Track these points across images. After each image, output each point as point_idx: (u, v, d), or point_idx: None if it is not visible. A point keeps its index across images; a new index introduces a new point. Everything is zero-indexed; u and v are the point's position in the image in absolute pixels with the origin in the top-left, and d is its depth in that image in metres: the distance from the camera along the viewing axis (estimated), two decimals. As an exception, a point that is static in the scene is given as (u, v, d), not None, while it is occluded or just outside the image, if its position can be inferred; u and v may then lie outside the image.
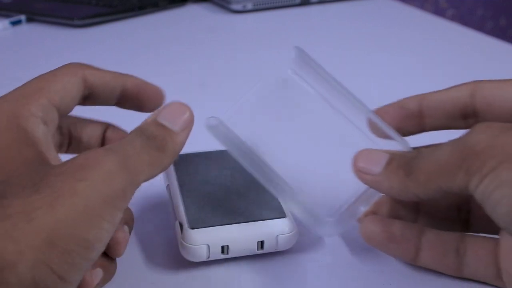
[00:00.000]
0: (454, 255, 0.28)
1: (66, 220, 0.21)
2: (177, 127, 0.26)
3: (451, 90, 0.29)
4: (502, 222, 0.23)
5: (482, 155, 0.23)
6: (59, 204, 0.21)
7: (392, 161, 0.27)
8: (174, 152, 0.25)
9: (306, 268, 0.31)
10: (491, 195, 0.22)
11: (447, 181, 0.24)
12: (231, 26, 0.84)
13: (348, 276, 0.30)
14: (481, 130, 0.24)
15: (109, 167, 0.23)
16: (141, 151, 0.24)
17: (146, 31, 0.81)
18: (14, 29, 0.82)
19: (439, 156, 0.25)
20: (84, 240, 0.21)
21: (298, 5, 0.91)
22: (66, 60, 0.31)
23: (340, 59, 0.66)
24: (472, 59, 0.65)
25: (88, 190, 0.22)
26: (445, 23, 0.82)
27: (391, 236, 0.28)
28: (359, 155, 0.27)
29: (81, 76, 0.29)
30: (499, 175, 0.22)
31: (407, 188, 0.26)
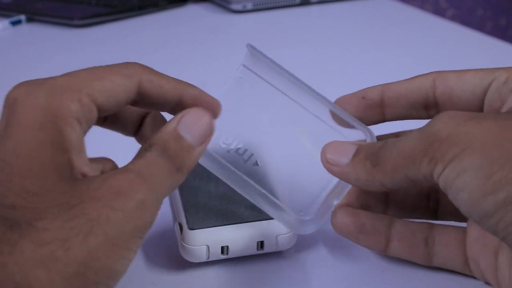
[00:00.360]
0: (423, 245, 0.29)
1: (99, 252, 0.21)
2: (196, 141, 0.25)
3: (414, 80, 0.29)
4: (464, 209, 0.23)
5: (445, 142, 0.23)
6: (94, 234, 0.21)
7: (359, 152, 0.27)
8: (189, 170, 0.25)
9: (306, 268, 0.31)
10: (454, 183, 0.22)
11: (412, 169, 0.24)
12: (231, 26, 0.84)
13: (348, 276, 0.30)
14: (445, 118, 0.24)
15: (142, 197, 0.22)
16: (165, 174, 0.24)
17: (146, 31, 0.81)
18: (14, 29, 0.82)
19: (404, 144, 0.25)
20: (113, 272, 0.21)
21: (298, 5, 0.91)
22: (66, 60, 0.31)
23: (340, 59, 0.67)
24: (472, 59, 0.65)
25: (122, 221, 0.21)
26: (445, 23, 0.82)
27: (362, 228, 0.29)
28: (327, 147, 0.27)
29: (136, 81, 0.26)
30: (461, 162, 0.22)
31: (374, 178, 0.26)
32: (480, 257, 0.28)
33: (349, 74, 0.61)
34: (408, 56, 0.67)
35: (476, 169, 0.22)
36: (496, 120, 0.23)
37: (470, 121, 0.23)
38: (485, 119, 0.23)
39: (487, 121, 0.23)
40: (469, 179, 0.22)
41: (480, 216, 0.22)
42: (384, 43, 0.73)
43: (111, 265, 0.21)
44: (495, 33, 1.78)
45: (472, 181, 0.22)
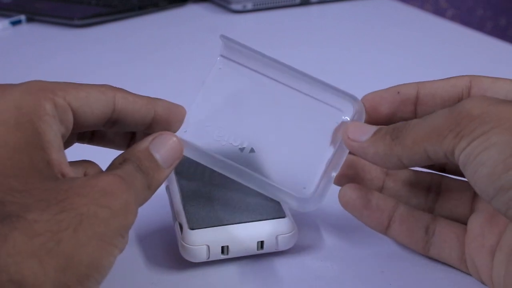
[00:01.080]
0: (423, 232, 0.29)
1: (88, 246, 0.21)
2: (166, 164, 0.26)
3: (450, 80, 0.30)
4: (480, 184, 0.23)
5: (476, 120, 0.23)
6: (82, 229, 0.21)
7: (380, 130, 0.27)
8: (156, 189, 0.26)
9: (306, 268, 0.31)
10: (477, 157, 0.23)
11: (434, 143, 0.24)
12: (231, 26, 0.84)
13: (348, 276, 0.30)
14: (477, 99, 0.24)
15: (127, 198, 0.23)
16: (142, 188, 0.25)
17: (146, 31, 0.81)
18: (14, 29, 0.82)
19: (431, 120, 0.25)
20: (101, 267, 0.21)
21: (298, 5, 0.91)
22: (66, 60, 0.31)
23: (340, 59, 0.67)
24: (472, 59, 0.65)
25: (109, 219, 0.22)
26: (445, 23, 0.82)
27: (367, 204, 0.29)
28: (349, 125, 0.28)
29: (111, 97, 0.27)
30: (489, 138, 0.22)
31: (392, 152, 0.26)
32: (477, 255, 0.28)
33: (349, 74, 0.61)
34: (408, 56, 0.67)
35: (503, 144, 0.22)
36: None
37: (502, 103, 0.24)
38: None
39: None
40: (494, 153, 0.22)
41: (496, 190, 0.22)
42: (384, 43, 0.73)
43: (99, 259, 0.21)
44: (495, 33, 1.78)
45: (496, 155, 0.22)
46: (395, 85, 0.31)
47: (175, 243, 0.30)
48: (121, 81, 0.67)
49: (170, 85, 0.58)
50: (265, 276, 0.30)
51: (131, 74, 0.63)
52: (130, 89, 0.29)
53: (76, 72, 0.64)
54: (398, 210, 0.30)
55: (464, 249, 0.28)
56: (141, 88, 0.56)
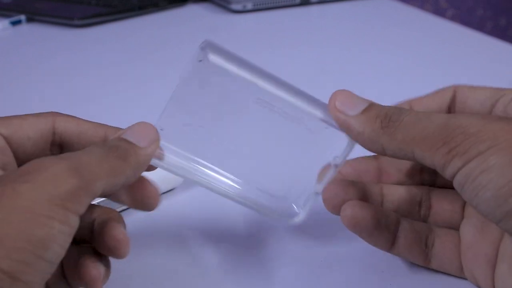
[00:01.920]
0: (423, 246, 0.29)
1: (9, 220, 0.20)
2: (142, 144, 0.25)
3: (437, 93, 0.30)
4: (484, 207, 0.23)
5: (472, 138, 0.23)
6: (1, 206, 0.20)
7: (370, 109, 0.26)
8: (137, 162, 0.25)
9: (305, 269, 0.31)
10: (476, 179, 0.22)
11: (426, 150, 0.24)
12: (231, 26, 0.84)
13: (348, 276, 0.30)
14: (475, 115, 0.24)
15: (56, 171, 0.22)
16: (100, 159, 0.24)
17: (146, 31, 0.81)
18: (14, 29, 0.82)
19: (426, 123, 0.24)
20: (34, 237, 0.20)
21: (298, 5, 0.91)
22: (66, 60, 0.31)
23: (340, 59, 0.67)
24: (472, 59, 0.65)
25: (32, 191, 0.21)
26: (445, 23, 0.82)
27: (378, 224, 0.28)
28: (338, 94, 0.27)
29: (50, 121, 0.27)
30: (486, 160, 0.22)
31: (378, 139, 0.25)
32: (474, 265, 0.27)
33: (349, 74, 0.61)
34: (408, 56, 0.67)
35: (503, 167, 0.22)
36: None
37: (499, 121, 0.23)
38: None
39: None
40: (496, 177, 0.22)
41: (504, 214, 0.22)
42: (384, 43, 0.73)
43: (29, 231, 0.20)
44: (495, 33, 1.78)
45: (499, 178, 0.22)
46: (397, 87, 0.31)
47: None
48: (121, 81, 0.67)
49: (170, 85, 0.58)
50: (261, 278, 0.30)
51: (131, 74, 0.63)
52: (130, 89, 0.29)
53: (76, 72, 0.64)
54: (401, 225, 0.29)
55: (461, 258, 0.28)
56: (141, 88, 0.56)
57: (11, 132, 0.26)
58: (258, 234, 0.33)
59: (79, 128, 0.28)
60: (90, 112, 0.32)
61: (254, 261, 0.31)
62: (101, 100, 0.55)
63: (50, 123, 0.27)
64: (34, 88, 0.59)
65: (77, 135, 0.28)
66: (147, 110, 0.54)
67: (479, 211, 0.23)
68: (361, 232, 0.28)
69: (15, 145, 0.26)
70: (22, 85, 0.60)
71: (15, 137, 0.26)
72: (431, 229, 0.29)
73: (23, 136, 0.26)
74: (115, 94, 0.57)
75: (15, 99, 0.56)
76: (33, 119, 0.27)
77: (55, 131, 0.27)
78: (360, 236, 0.29)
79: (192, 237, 0.33)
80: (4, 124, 0.26)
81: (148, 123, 0.27)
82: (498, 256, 0.27)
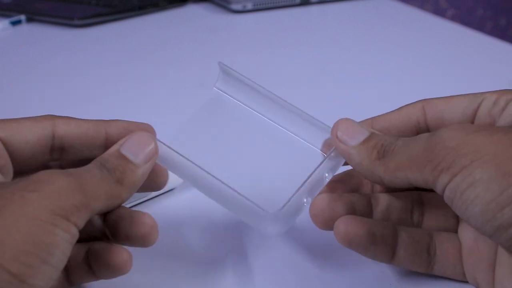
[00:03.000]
0: (426, 254, 0.28)
1: (18, 225, 0.20)
2: (139, 160, 0.26)
3: (402, 109, 0.29)
4: (474, 222, 0.22)
5: (453, 152, 0.23)
6: (8, 211, 0.21)
7: (370, 139, 0.27)
8: (133, 185, 0.26)
9: (305, 269, 0.31)
10: (463, 194, 0.22)
11: (416, 172, 0.24)
12: (231, 26, 0.84)
13: (348, 277, 0.30)
14: (454, 128, 0.24)
15: (63, 184, 0.22)
16: (100, 181, 0.24)
17: (146, 31, 0.81)
18: (14, 29, 0.82)
19: (412, 147, 0.25)
20: (40, 242, 0.21)
21: (298, 5, 0.91)
22: (66, 60, 0.31)
23: (340, 59, 0.67)
24: (472, 59, 0.65)
25: (38, 200, 0.21)
26: (445, 23, 0.82)
27: (373, 238, 0.27)
28: (341, 123, 0.27)
29: (49, 124, 0.27)
30: (471, 174, 0.22)
31: (375, 170, 0.26)
32: (476, 269, 0.27)
33: (349, 74, 0.61)
34: (408, 56, 0.67)
35: (488, 181, 0.21)
36: (506, 133, 0.23)
37: (479, 133, 0.23)
38: (495, 132, 0.23)
39: (497, 134, 0.23)
40: (482, 192, 0.22)
41: (495, 229, 0.22)
42: (384, 43, 0.73)
43: (35, 236, 0.21)
44: (495, 33, 1.78)
45: (485, 193, 0.21)
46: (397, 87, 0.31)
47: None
48: (121, 81, 0.67)
49: (170, 85, 0.58)
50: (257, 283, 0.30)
51: (131, 74, 0.63)
52: (130, 89, 0.29)
53: (76, 72, 0.64)
54: (400, 236, 0.28)
55: (462, 263, 0.28)
56: (141, 88, 0.56)
57: (9, 135, 0.26)
58: (258, 234, 0.33)
59: (79, 130, 0.28)
60: (90, 112, 0.32)
61: (255, 261, 0.31)
62: (101, 100, 0.55)
63: (49, 127, 0.27)
64: (34, 88, 0.59)
65: (78, 136, 0.28)
66: (147, 110, 0.54)
67: (470, 224, 0.23)
68: (356, 248, 0.27)
69: (12, 148, 0.26)
70: (22, 85, 0.60)
71: (12, 140, 0.26)
72: (431, 236, 0.28)
73: (21, 140, 0.27)
74: (115, 94, 0.57)
75: (15, 99, 0.56)
76: (31, 123, 0.27)
77: (55, 134, 0.27)
78: (356, 251, 0.28)
79: (192, 237, 0.33)
80: (1, 127, 0.26)
81: (147, 134, 0.27)
82: (496, 259, 0.26)
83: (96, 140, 0.28)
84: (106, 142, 0.28)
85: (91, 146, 0.28)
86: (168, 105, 0.53)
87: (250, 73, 0.31)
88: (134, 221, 0.26)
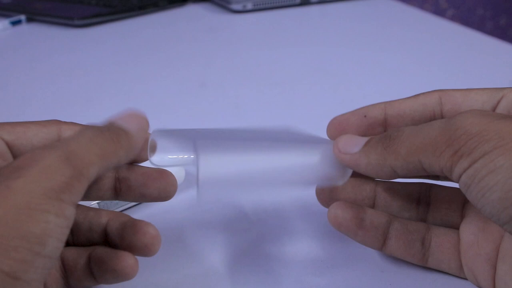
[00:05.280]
0: (419, 245, 0.28)
1: (4, 219, 0.20)
2: (132, 128, 0.25)
3: (418, 97, 0.29)
4: (490, 209, 0.22)
5: (476, 137, 0.22)
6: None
7: (371, 140, 0.26)
8: (129, 146, 0.25)
9: (305, 268, 0.31)
10: (482, 180, 0.22)
11: (430, 157, 0.24)
12: (231, 26, 0.84)
13: (348, 276, 0.30)
14: (475, 114, 0.23)
15: (48, 162, 0.21)
16: (90, 144, 0.23)
17: (146, 31, 0.81)
18: (14, 29, 0.82)
19: (427, 130, 0.24)
20: (30, 234, 0.20)
21: (298, 5, 0.91)
22: (66, 60, 0.31)
23: (340, 59, 0.67)
24: (472, 59, 0.65)
25: (25, 186, 0.20)
26: (445, 23, 0.82)
27: (361, 223, 0.28)
28: (339, 139, 0.27)
29: (55, 129, 0.27)
30: (493, 160, 0.22)
31: (385, 161, 0.25)
32: (474, 264, 0.27)
33: (349, 73, 0.61)
34: (408, 56, 0.67)
35: (509, 169, 0.21)
36: None
37: (503, 120, 0.23)
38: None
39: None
40: (503, 178, 0.21)
41: (509, 218, 0.21)
42: (384, 43, 0.73)
43: (24, 228, 0.20)
44: (495, 33, 1.78)
45: (506, 180, 0.21)
46: (397, 87, 0.30)
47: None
48: (121, 81, 0.67)
49: (170, 85, 0.58)
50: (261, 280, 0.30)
51: (131, 74, 0.63)
52: (130, 89, 0.29)
53: (76, 72, 0.64)
54: (392, 226, 0.28)
55: (460, 258, 0.28)
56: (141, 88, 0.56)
57: (14, 138, 0.26)
58: (259, 234, 0.33)
59: None
60: (90, 112, 0.32)
61: (255, 260, 0.31)
62: (101, 100, 0.55)
63: (55, 132, 0.27)
64: (34, 88, 0.59)
65: None
66: (147, 109, 0.54)
67: (483, 212, 0.23)
68: (346, 231, 0.28)
69: (18, 151, 0.26)
70: (22, 85, 0.60)
71: (18, 143, 0.26)
72: (429, 228, 0.29)
73: (27, 144, 0.26)
74: (115, 94, 0.57)
75: (15, 99, 0.56)
76: (37, 127, 0.27)
77: (60, 139, 0.27)
78: (346, 235, 0.29)
79: (192, 237, 0.33)
80: (7, 130, 0.26)
81: (138, 112, 0.27)
82: (498, 256, 0.26)
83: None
84: None
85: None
86: (168, 105, 0.53)
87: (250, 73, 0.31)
88: (137, 230, 0.26)
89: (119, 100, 0.55)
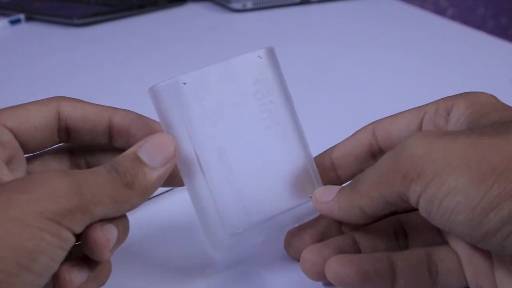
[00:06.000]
0: (428, 277, 0.27)
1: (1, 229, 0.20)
2: (155, 163, 0.24)
3: (355, 135, 0.30)
4: (459, 231, 0.22)
5: (420, 159, 0.22)
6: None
7: (342, 187, 0.27)
8: (145, 190, 0.24)
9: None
10: (441, 204, 0.22)
11: (388, 187, 0.24)
12: (231, 25, 0.84)
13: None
14: (417, 137, 0.24)
15: (57, 185, 0.21)
16: (105, 184, 0.23)
17: (146, 30, 0.81)
18: (14, 28, 0.82)
19: (380, 164, 0.25)
20: (21, 247, 0.20)
21: (298, 4, 0.91)
22: (65, 59, 0.31)
23: (340, 58, 0.66)
24: (472, 58, 0.65)
25: (27, 202, 0.20)
26: (445, 22, 0.82)
27: (366, 277, 0.26)
28: (318, 190, 0.28)
29: (54, 107, 0.27)
30: (446, 182, 0.21)
31: (352, 202, 0.26)
32: (478, 277, 0.26)
33: (349, 73, 0.61)
34: (408, 55, 0.66)
35: (466, 187, 0.21)
36: (467, 136, 0.23)
37: (443, 138, 0.23)
38: (458, 136, 0.23)
39: (460, 137, 0.23)
40: (463, 199, 0.21)
41: (482, 235, 0.21)
42: (384, 42, 0.73)
43: (17, 241, 0.20)
44: (496, 32, 1.78)
45: (466, 200, 0.21)
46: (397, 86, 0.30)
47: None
48: (120, 80, 0.67)
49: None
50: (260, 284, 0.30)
51: (131, 73, 0.63)
52: (130, 88, 0.29)
53: (76, 71, 0.64)
54: (397, 266, 0.26)
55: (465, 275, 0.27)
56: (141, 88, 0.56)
57: (17, 123, 0.26)
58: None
59: (84, 113, 0.27)
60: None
61: (255, 260, 0.31)
62: (101, 99, 0.55)
63: (54, 109, 0.27)
64: (33, 87, 0.59)
65: (81, 119, 0.27)
66: (146, 109, 0.54)
67: (454, 234, 0.22)
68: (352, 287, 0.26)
69: (24, 136, 0.26)
70: (21, 84, 0.60)
71: (21, 128, 0.26)
72: (430, 255, 0.27)
73: (30, 127, 0.26)
74: (114, 93, 0.57)
75: (14, 98, 0.56)
76: (37, 107, 0.27)
77: (60, 116, 0.27)
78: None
79: (191, 236, 0.33)
80: (9, 116, 0.26)
81: (166, 136, 0.25)
82: (493, 264, 0.26)
83: (98, 126, 0.27)
84: (109, 130, 0.28)
85: (94, 131, 0.27)
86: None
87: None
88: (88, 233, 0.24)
89: (118, 100, 0.55)
